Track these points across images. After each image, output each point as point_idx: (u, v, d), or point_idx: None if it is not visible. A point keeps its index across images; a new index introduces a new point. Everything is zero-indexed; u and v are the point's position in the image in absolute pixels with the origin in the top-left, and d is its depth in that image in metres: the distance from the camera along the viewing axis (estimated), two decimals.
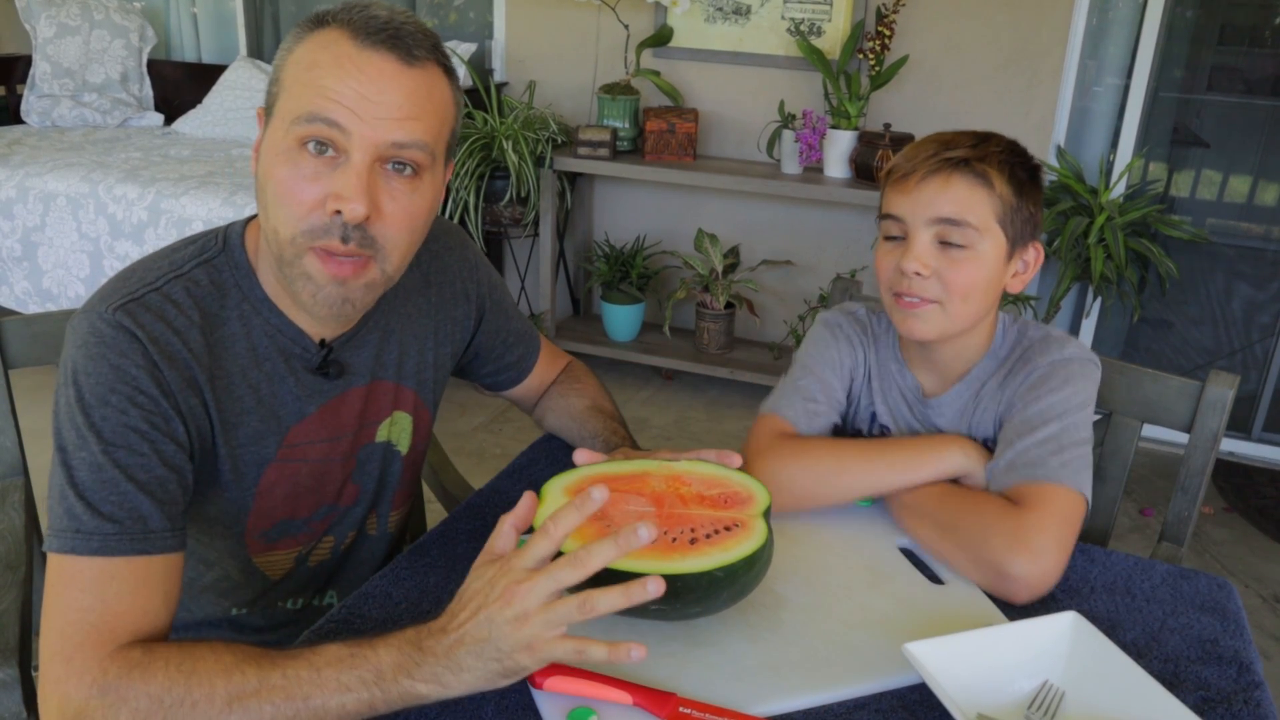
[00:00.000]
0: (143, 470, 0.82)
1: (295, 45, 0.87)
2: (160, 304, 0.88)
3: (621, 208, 3.49)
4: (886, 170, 1.11)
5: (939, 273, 1.05)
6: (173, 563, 0.83)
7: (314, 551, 1.07)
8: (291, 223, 0.85)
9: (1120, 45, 2.95)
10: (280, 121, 0.86)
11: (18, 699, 0.93)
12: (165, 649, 0.77)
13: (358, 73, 0.83)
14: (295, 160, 0.84)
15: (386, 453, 1.08)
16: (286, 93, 0.86)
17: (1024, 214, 1.07)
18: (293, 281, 0.88)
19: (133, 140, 3.49)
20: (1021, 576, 0.93)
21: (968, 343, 1.12)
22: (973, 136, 1.07)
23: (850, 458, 1.09)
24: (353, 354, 1.01)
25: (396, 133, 0.84)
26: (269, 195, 0.87)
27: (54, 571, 0.80)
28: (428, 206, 0.90)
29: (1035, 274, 1.11)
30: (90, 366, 0.83)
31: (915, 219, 1.05)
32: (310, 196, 0.84)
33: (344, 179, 0.84)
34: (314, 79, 0.84)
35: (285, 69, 0.87)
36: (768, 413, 1.17)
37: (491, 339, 1.18)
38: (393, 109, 0.84)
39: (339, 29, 0.85)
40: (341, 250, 0.86)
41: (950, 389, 1.15)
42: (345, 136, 0.83)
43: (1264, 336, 3.04)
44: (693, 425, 3.09)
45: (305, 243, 0.86)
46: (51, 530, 0.81)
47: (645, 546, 0.83)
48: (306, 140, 0.84)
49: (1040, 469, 1.00)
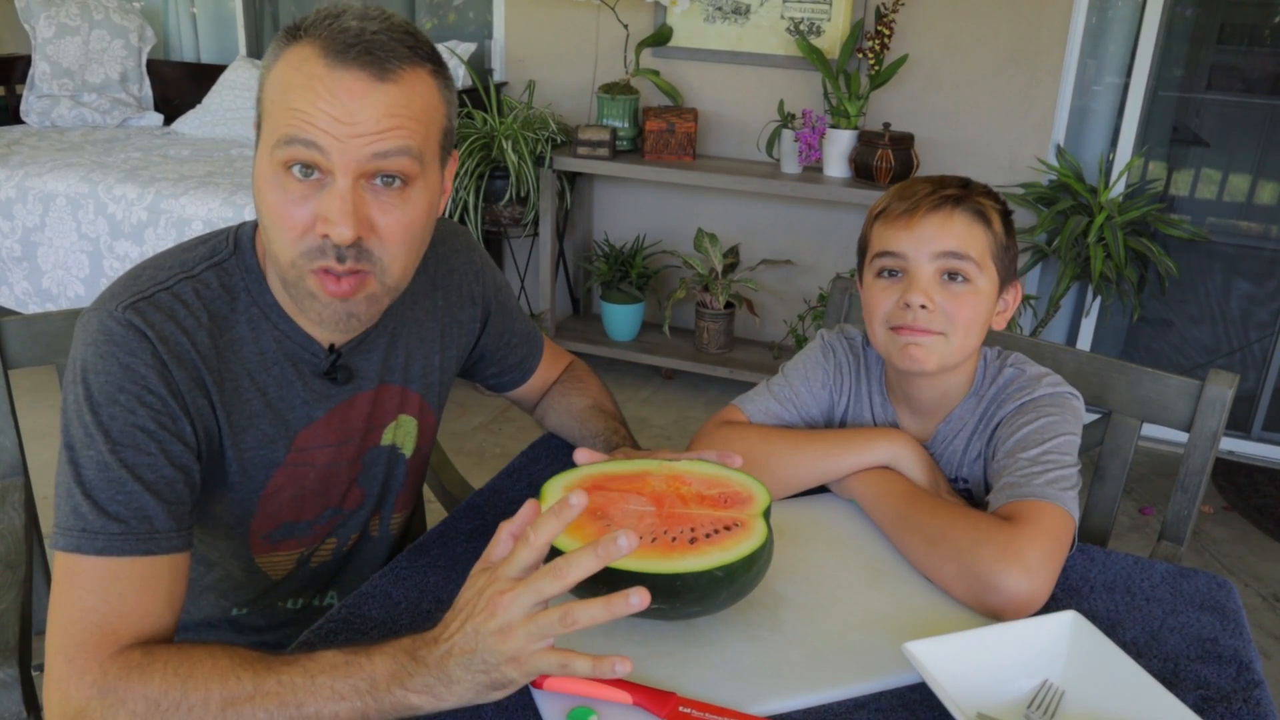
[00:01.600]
0: (150, 470, 0.82)
1: (273, 62, 0.85)
2: (170, 303, 0.88)
3: (621, 207, 3.49)
4: (877, 210, 1.11)
5: (942, 306, 1.06)
6: (178, 563, 0.83)
7: (316, 553, 1.07)
8: (288, 246, 0.85)
9: (1120, 44, 2.95)
10: (265, 144, 0.85)
11: (18, 699, 0.93)
12: (165, 651, 0.77)
13: (328, 94, 0.81)
14: (283, 184, 0.83)
15: (391, 456, 1.07)
16: (268, 115, 0.85)
17: (1011, 253, 1.11)
18: (299, 301, 0.89)
19: (132, 140, 3.49)
20: (1010, 590, 0.91)
21: (952, 380, 1.13)
22: (957, 180, 1.10)
23: (780, 445, 1.12)
24: (361, 359, 1.00)
25: (375, 147, 0.82)
26: (264, 220, 0.86)
27: (60, 569, 0.80)
28: (424, 213, 0.89)
29: (1013, 313, 1.15)
30: (99, 365, 0.83)
31: (919, 254, 1.06)
32: (300, 220, 0.84)
33: (329, 202, 0.82)
34: (289, 101, 0.82)
35: (265, 89, 0.86)
36: (731, 404, 1.20)
37: (496, 341, 1.18)
38: (368, 125, 0.82)
39: (310, 45, 0.82)
40: (340, 269, 0.85)
41: (934, 433, 1.15)
42: (325, 157, 0.82)
43: (1263, 335, 3.04)
44: (693, 425, 3.09)
45: (305, 265, 0.85)
46: (58, 528, 0.81)
47: (645, 546, 0.83)
48: (289, 164, 0.83)
49: (1028, 488, 0.99)
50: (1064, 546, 0.97)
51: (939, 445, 1.15)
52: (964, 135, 3.02)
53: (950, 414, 1.14)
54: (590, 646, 0.85)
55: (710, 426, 1.17)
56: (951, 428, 1.14)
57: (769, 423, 1.17)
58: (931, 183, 1.09)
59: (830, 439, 1.12)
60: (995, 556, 0.92)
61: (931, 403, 1.15)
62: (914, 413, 1.17)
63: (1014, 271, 1.13)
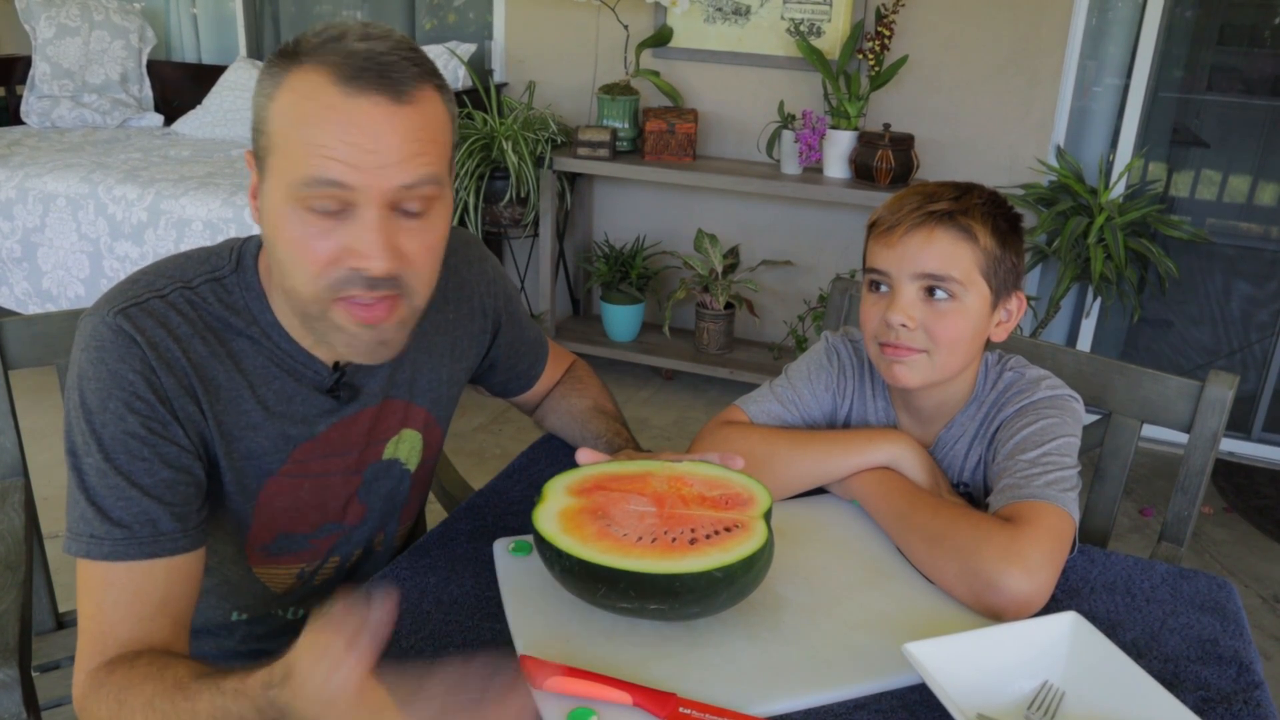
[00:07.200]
0: (146, 475, 0.83)
1: (274, 89, 0.81)
2: (163, 311, 0.87)
3: (621, 208, 3.49)
4: (870, 223, 1.11)
5: (924, 324, 1.05)
6: (182, 564, 0.84)
7: (320, 571, 1.06)
8: (311, 281, 0.82)
9: (1120, 45, 2.95)
10: (277, 180, 0.81)
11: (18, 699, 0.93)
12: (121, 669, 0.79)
13: (349, 124, 0.78)
14: (302, 220, 0.80)
15: (395, 471, 1.06)
16: (279, 150, 0.81)
17: (1007, 264, 1.07)
18: (324, 335, 0.86)
19: (132, 141, 3.49)
20: (1011, 591, 0.90)
21: (950, 390, 1.13)
22: (954, 189, 1.07)
23: (782, 445, 1.11)
24: (365, 377, 0.99)
25: (402, 177, 0.80)
26: (281, 255, 0.83)
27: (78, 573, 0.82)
28: (445, 230, 0.88)
29: (1016, 323, 1.12)
30: (91, 370, 0.84)
31: (900, 273, 1.05)
32: (325, 254, 0.81)
33: (358, 234, 0.80)
34: (306, 137, 0.78)
35: (271, 119, 0.81)
36: (733, 405, 1.19)
37: (506, 351, 1.16)
38: (393, 153, 0.79)
39: (317, 70, 0.79)
40: (369, 297, 0.83)
41: (934, 439, 1.15)
42: (350, 192, 0.79)
43: (1263, 336, 3.04)
44: (693, 426, 3.09)
45: (329, 297, 0.83)
46: (69, 533, 0.83)
47: (645, 547, 0.83)
48: (312, 204, 0.80)
49: (1028, 489, 0.99)
50: (1065, 547, 0.97)
51: (941, 451, 1.15)
52: (964, 136, 3.02)
53: (952, 420, 1.14)
54: (591, 646, 0.85)
55: (712, 426, 1.17)
56: (953, 434, 1.14)
57: (771, 424, 1.17)
58: (922, 195, 1.06)
59: (831, 439, 1.12)
60: (996, 556, 0.92)
61: (932, 410, 1.15)
62: (915, 419, 1.17)
63: (1014, 282, 1.09)
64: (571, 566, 0.83)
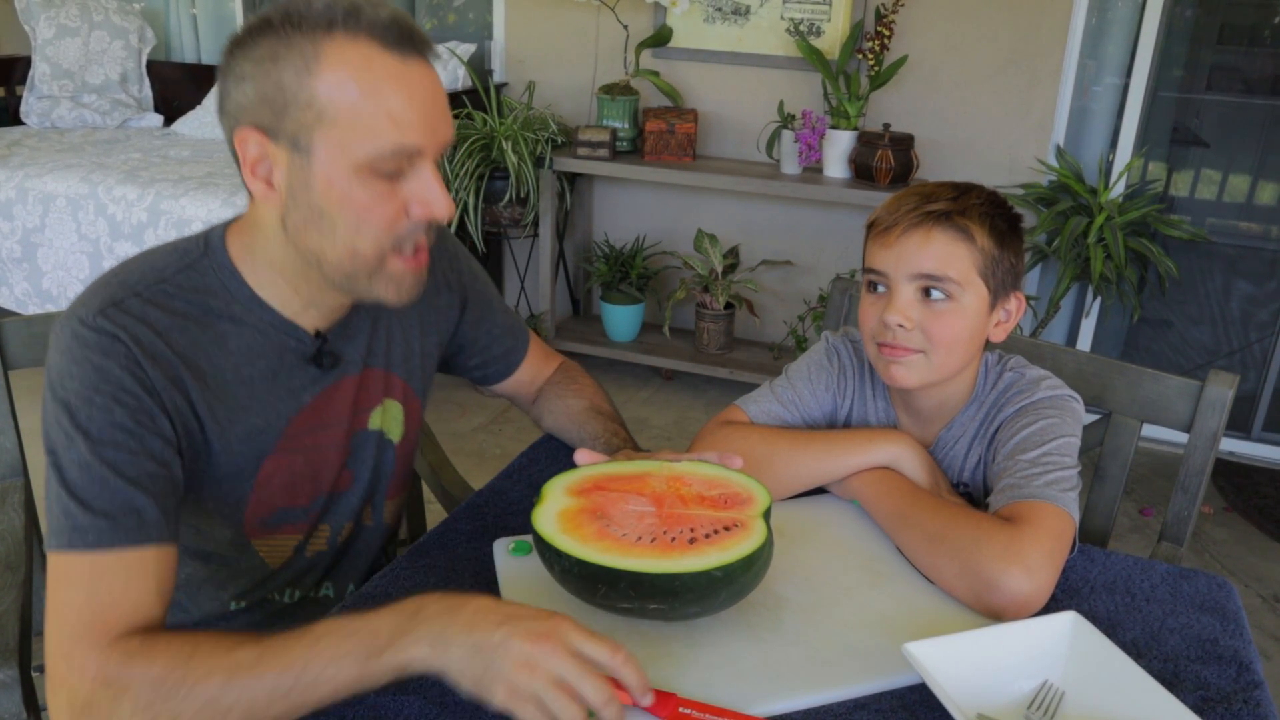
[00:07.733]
0: (132, 466, 0.83)
1: (312, 64, 0.82)
2: (141, 307, 0.88)
3: (621, 208, 3.49)
4: (869, 223, 1.11)
5: (922, 324, 1.05)
6: (167, 554, 0.84)
7: (311, 541, 1.07)
8: (377, 239, 0.88)
9: (1119, 45, 2.95)
10: (337, 151, 0.84)
11: (17, 699, 0.94)
12: (165, 636, 0.78)
13: (415, 89, 0.84)
14: (368, 183, 0.85)
15: (379, 441, 1.08)
16: (339, 123, 0.83)
17: (1005, 265, 1.07)
18: (371, 288, 0.92)
19: (132, 141, 3.49)
20: (1012, 590, 0.90)
21: (949, 391, 1.13)
22: (953, 189, 1.07)
23: (782, 445, 1.11)
24: (346, 343, 1.02)
25: (450, 132, 0.90)
26: (345, 221, 0.87)
27: (52, 570, 0.80)
28: None
29: (1015, 324, 1.12)
30: (73, 369, 0.84)
31: (897, 274, 1.05)
32: (393, 211, 0.87)
33: (427, 187, 0.87)
34: (376, 107, 0.82)
35: (319, 94, 0.82)
36: (733, 405, 1.19)
37: (476, 330, 1.19)
38: (443, 110, 0.88)
39: (359, 40, 0.82)
40: (425, 244, 0.92)
41: (934, 439, 1.15)
42: (419, 153, 0.87)
43: (1263, 336, 3.04)
44: (693, 426, 3.09)
45: (391, 250, 0.89)
46: (50, 531, 0.82)
47: (644, 546, 0.84)
48: (383, 168, 0.85)
49: (1028, 489, 0.99)
50: (1065, 547, 0.97)
51: (941, 451, 1.15)
52: (964, 136, 3.02)
53: (952, 421, 1.14)
54: None
55: (712, 426, 1.17)
56: (953, 434, 1.14)
57: (771, 424, 1.17)
58: (920, 195, 1.06)
59: (831, 439, 1.12)
60: (997, 556, 0.92)
61: (932, 410, 1.15)
62: (915, 419, 1.17)
63: (1013, 283, 1.09)
64: (571, 567, 0.83)
